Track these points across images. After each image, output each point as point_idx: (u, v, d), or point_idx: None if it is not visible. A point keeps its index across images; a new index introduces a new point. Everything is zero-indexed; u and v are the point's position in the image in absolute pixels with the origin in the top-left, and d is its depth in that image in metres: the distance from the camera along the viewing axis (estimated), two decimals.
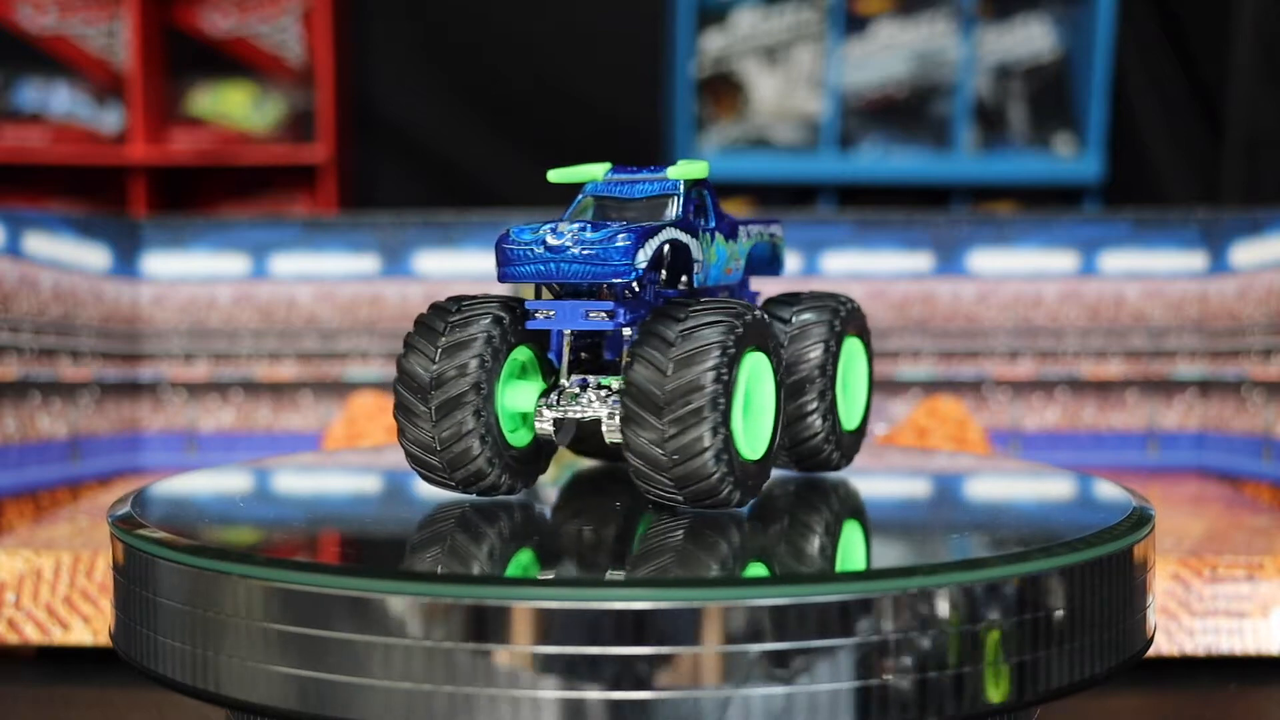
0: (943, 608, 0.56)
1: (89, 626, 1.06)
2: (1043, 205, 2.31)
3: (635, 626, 0.54)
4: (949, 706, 0.56)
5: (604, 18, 2.39)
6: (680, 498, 0.66)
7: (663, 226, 0.68)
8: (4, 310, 1.36)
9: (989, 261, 1.52)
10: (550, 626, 0.54)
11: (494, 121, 2.39)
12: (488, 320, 0.68)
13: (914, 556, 0.69)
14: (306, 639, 0.56)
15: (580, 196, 0.73)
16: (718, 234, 0.73)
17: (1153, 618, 0.68)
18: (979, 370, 1.51)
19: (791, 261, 1.50)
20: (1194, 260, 1.50)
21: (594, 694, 0.54)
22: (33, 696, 1.04)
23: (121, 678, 0.93)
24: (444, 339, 0.67)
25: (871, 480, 0.83)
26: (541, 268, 0.67)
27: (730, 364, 0.64)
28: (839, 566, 0.63)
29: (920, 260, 1.52)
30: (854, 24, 2.32)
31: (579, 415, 0.69)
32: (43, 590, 1.07)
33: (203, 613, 0.59)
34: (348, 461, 1.03)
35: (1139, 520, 0.67)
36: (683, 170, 0.71)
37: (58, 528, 1.21)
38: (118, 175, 2.33)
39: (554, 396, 0.70)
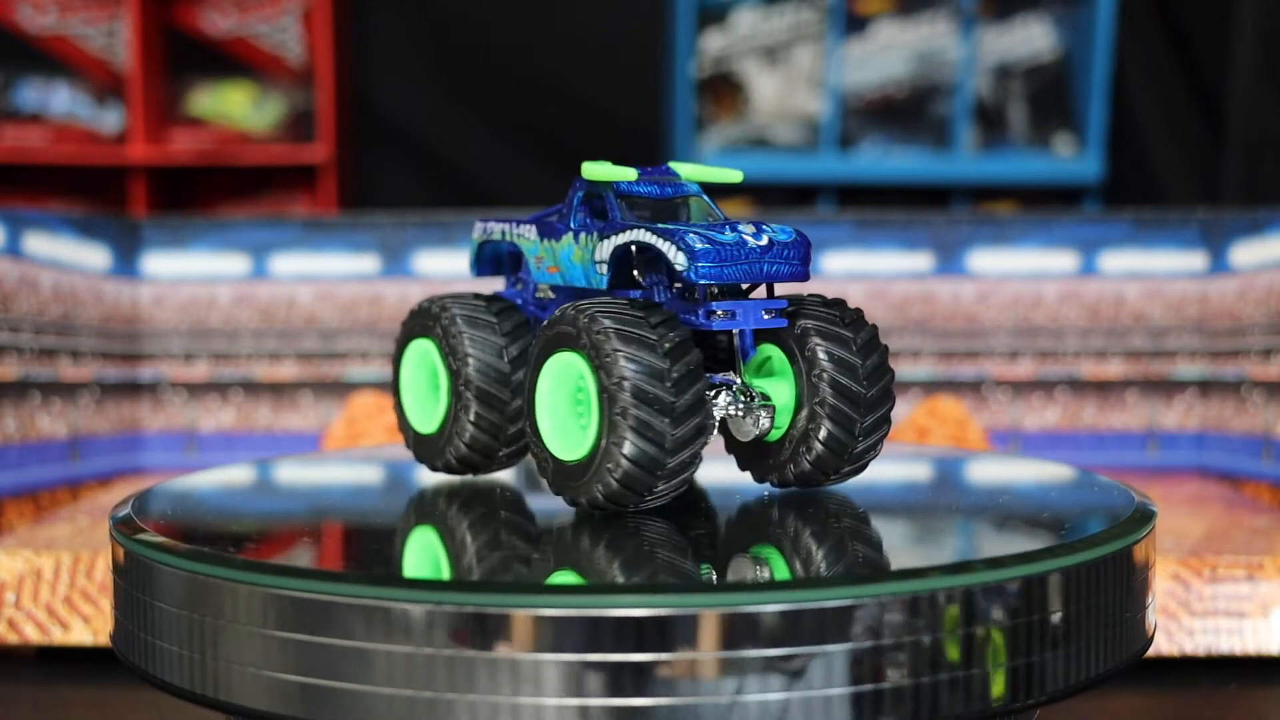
0: (942, 610, 0.56)
1: (89, 626, 1.06)
2: (1043, 205, 2.31)
3: (635, 633, 0.54)
4: (949, 708, 0.56)
5: (604, 18, 2.39)
6: (814, 482, 0.71)
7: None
8: (4, 310, 1.36)
9: (989, 261, 1.52)
10: (549, 633, 0.54)
11: (494, 121, 2.39)
12: (677, 321, 0.66)
13: (913, 558, 0.69)
14: (305, 645, 0.56)
15: (581, 194, 0.73)
16: None
17: (1153, 618, 0.68)
18: (979, 370, 1.51)
19: None
20: (1194, 260, 1.50)
21: (595, 701, 0.54)
22: (33, 696, 1.04)
23: (121, 678, 0.93)
24: (665, 343, 0.64)
25: (870, 480, 0.83)
26: (748, 268, 0.67)
27: None
28: (838, 570, 0.63)
29: (920, 260, 1.52)
30: (854, 24, 2.32)
31: (738, 414, 0.69)
32: (43, 590, 1.07)
33: (202, 617, 0.59)
34: (348, 462, 1.03)
35: (1139, 520, 0.67)
36: (705, 173, 0.73)
37: (58, 528, 1.21)
38: (118, 175, 2.33)
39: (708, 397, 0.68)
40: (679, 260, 0.66)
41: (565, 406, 0.68)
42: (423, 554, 0.66)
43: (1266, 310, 1.41)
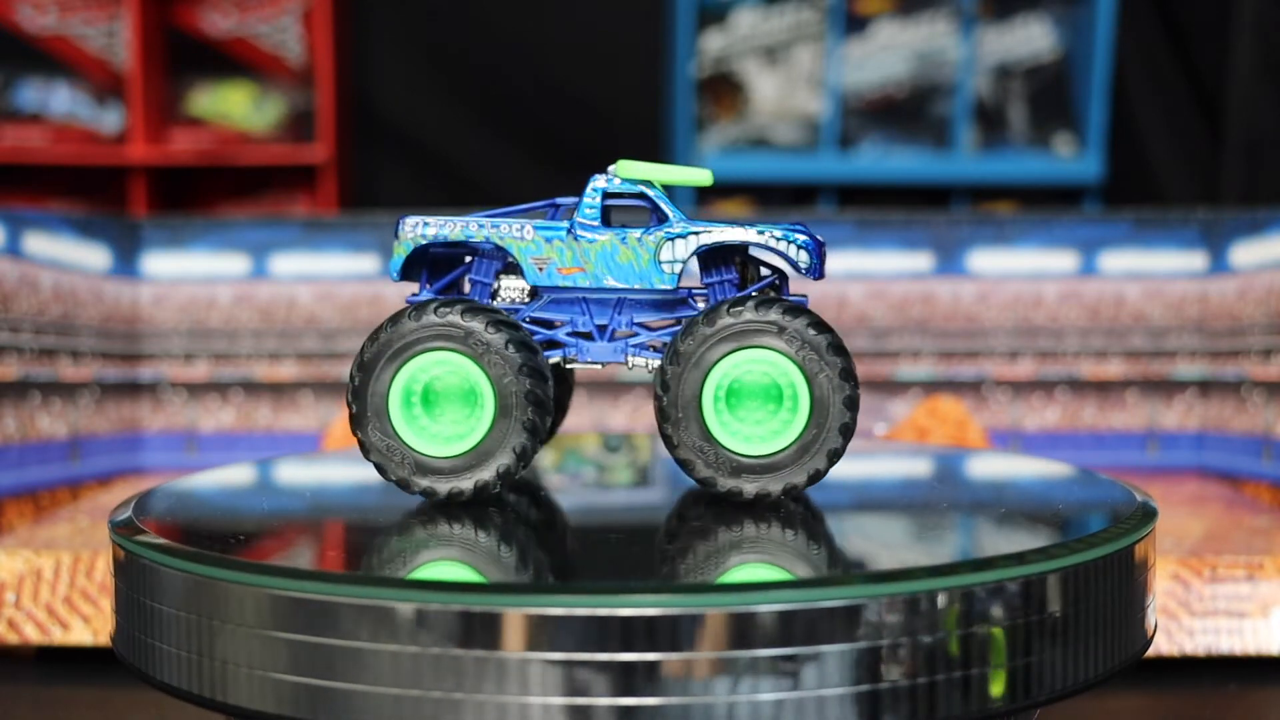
0: (942, 610, 0.56)
1: (89, 626, 1.06)
2: (1043, 205, 2.31)
3: (635, 632, 0.54)
4: (949, 708, 0.56)
5: (604, 18, 2.39)
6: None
7: None
8: (4, 310, 1.36)
9: (989, 261, 1.52)
10: (550, 632, 0.54)
11: (494, 121, 2.39)
12: None
13: (914, 557, 0.69)
14: (305, 645, 0.56)
15: (602, 192, 0.73)
16: None
17: (1153, 617, 0.68)
18: (979, 370, 1.51)
19: None
20: (1194, 260, 1.50)
21: (594, 701, 0.54)
22: (33, 696, 1.04)
23: (121, 678, 0.93)
24: (838, 336, 0.70)
25: (871, 479, 0.83)
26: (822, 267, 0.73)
27: None
28: (839, 570, 0.63)
29: (920, 260, 1.52)
30: (854, 24, 2.32)
31: None
32: (43, 590, 1.07)
33: (202, 618, 0.59)
34: (348, 462, 1.03)
35: (1139, 519, 0.67)
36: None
37: (58, 528, 1.21)
38: (118, 175, 2.33)
39: None
40: (802, 259, 0.71)
41: (722, 402, 0.69)
42: (422, 554, 0.66)
43: (1266, 310, 1.41)
